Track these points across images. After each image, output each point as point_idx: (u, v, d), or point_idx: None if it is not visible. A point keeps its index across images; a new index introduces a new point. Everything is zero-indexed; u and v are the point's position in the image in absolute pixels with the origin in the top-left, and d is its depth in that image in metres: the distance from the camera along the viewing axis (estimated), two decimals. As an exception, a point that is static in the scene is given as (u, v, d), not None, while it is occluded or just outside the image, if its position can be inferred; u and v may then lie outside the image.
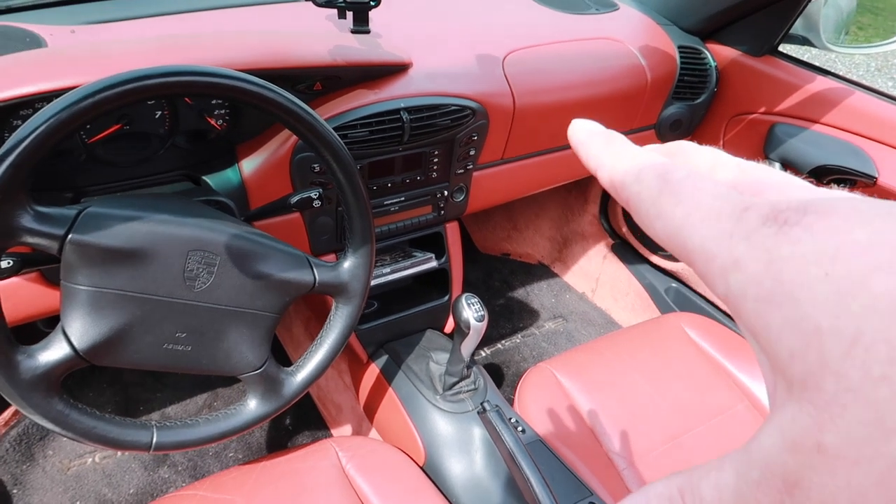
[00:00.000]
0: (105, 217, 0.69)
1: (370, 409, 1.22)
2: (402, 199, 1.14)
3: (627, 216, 1.73)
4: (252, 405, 0.84)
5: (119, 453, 1.32)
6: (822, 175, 1.26)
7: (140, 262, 0.71)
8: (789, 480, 0.16)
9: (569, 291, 1.88)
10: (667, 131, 1.45)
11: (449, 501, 0.98)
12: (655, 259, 1.70)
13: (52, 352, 0.69)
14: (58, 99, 0.61)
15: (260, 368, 0.82)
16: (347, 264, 0.85)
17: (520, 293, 1.86)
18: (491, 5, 1.36)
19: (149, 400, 1.42)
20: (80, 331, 0.70)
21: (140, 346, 0.74)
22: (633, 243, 1.74)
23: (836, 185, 1.25)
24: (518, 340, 1.70)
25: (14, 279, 0.87)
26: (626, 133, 1.37)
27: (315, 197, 0.88)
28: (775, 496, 0.16)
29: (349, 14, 0.98)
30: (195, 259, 0.74)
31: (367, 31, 0.98)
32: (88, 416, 0.73)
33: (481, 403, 0.98)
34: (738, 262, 0.18)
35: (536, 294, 1.86)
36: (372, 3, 0.93)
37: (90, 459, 1.29)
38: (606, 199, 1.79)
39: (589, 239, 1.85)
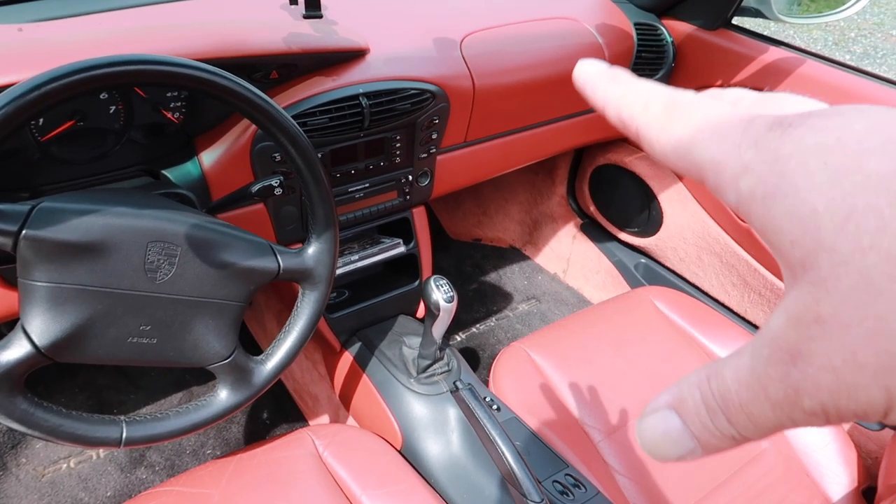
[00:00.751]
0: (60, 211, 0.68)
1: (346, 398, 1.23)
2: (367, 185, 1.14)
3: (595, 195, 1.74)
4: (223, 395, 0.84)
5: (94, 456, 1.31)
6: (780, 143, 1.29)
7: (99, 255, 0.70)
8: (793, 352, 0.18)
9: (541, 273, 1.89)
10: (627, 108, 1.47)
11: (427, 482, 0.99)
12: (623, 236, 1.72)
13: (13, 350, 0.68)
14: (2, 93, 0.60)
15: (228, 358, 0.82)
16: (312, 250, 0.85)
17: (492, 277, 1.87)
18: None
19: (122, 402, 1.40)
20: (40, 328, 0.69)
21: (103, 341, 0.73)
22: (601, 221, 1.76)
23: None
24: (493, 323, 1.71)
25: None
26: (584, 112, 1.39)
27: (276, 185, 0.88)
28: (782, 368, 0.18)
29: (301, 0, 0.97)
30: (155, 250, 0.73)
31: (320, 16, 0.98)
32: (54, 414, 0.72)
33: (454, 383, 0.98)
34: (747, 167, 0.19)
35: (509, 277, 1.87)
36: (322, -14, 0.93)
37: (65, 465, 1.28)
38: (573, 179, 1.81)
39: (558, 220, 1.86)
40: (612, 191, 1.69)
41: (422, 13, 1.24)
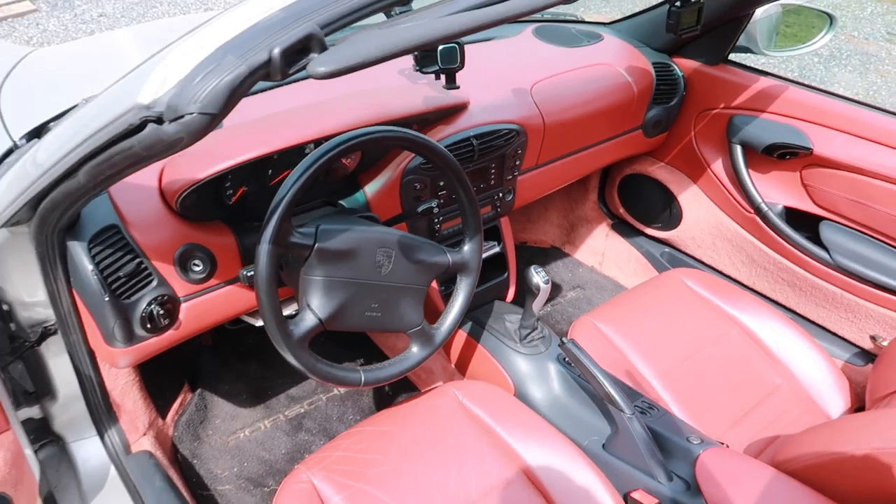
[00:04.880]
0: (330, 230, 1.06)
1: (462, 365, 1.60)
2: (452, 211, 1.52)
3: (623, 199, 2.14)
4: (415, 350, 1.22)
5: (262, 427, 1.67)
6: (773, 150, 1.69)
7: (351, 257, 1.08)
8: None
9: (580, 266, 2.28)
10: (651, 129, 1.87)
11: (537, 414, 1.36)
12: (649, 231, 2.12)
13: (306, 322, 1.06)
14: (327, 143, 0.99)
15: (419, 326, 1.20)
16: (467, 248, 1.24)
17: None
18: (510, 49, 1.76)
19: (273, 386, 1.77)
20: (319, 306, 1.07)
21: (352, 315, 1.11)
22: (629, 220, 2.16)
23: (784, 158, 1.68)
24: (549, 308, 2.09)
25: (228, 287, 1.23)
26: (620, 134, 1.78)
27: (434, 206, 1.27)
28: None
29: (443, 77, 1.36)
30: (381, 253, 1.11)
31: (457, 87, 1.37)
32: (324, 364, 1.10)
33: (561, 339, 1.36)
34: None
35: (555, 271, 2.26)
36: (458, 67, 1.32)
37: (242, 434, 1.65)
38: (603, 187, 2.20)
39: (592, 222, 2.25)
40: (638, 195, 2.09)
41: (498, 70, 1.63)
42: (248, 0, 0.73)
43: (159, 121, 0.67)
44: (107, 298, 1.07)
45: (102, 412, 1.38)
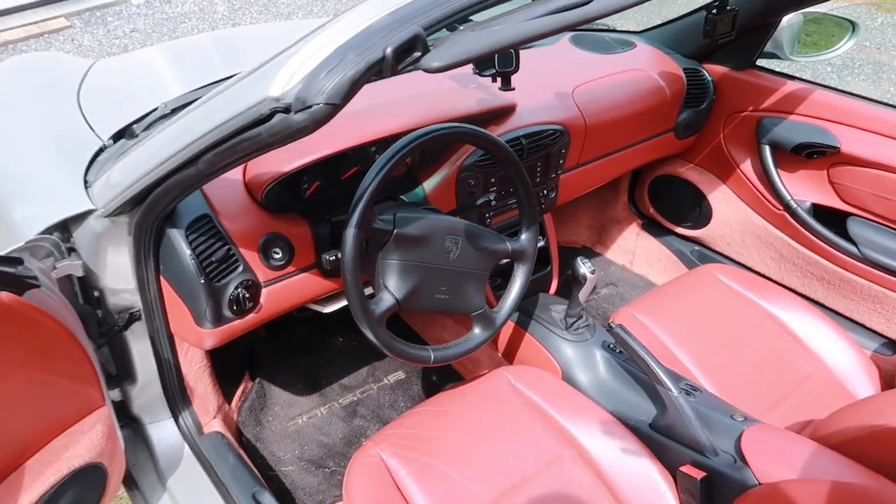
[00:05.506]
0: (406, 218, 1.16)
1: (510, 353, 1.69)
2: (508, 203, 1.62)
3: (653, 199, 2.23)
4: (477, 332, 1.31)
5: (319, 413, 1.76)
6: (801, 150, 1.78)
7: (424, 243, 1.18)
8: None
9: (612, 265, 2.37)
10: (682, 131, 1.97)
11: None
12: (679, 230, 2.21)
13: (384, 302, 1.16)
14: (405, 137, 1.09)
15: (481, 309, 1.29)
16: (524, 237, 1.33)
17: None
18: (550, 56, 1.86)
19: (326, 376, 1.86)
20: (395, 287, 1.16)
21: (424, 297, 1.20)
22: (659, 220, 2.25)
23: (812, 157, 1.77)
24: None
25: (303, 274, 1.33)
26: (653, 136, 1.87)
27: (492, 199, 1.36)
28: None
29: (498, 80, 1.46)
30: (450, 240, 1.21)
31: (513, 89, 1.46)
32: (398, 342, 1.19)
33: (609, 324, 1.44)
34: None
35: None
36: (513, 70, 1.42)
37: (300, 420, 1.74)
38: (633, 189, 2.30)
39: (622, 222, 2.35)
40: (668, 195, 2.18)
41: (540, 75, 1.73)
42: (358, 6, 0.83)
43: (287, 110, 0.77)
44: (202, 281, 1.17)
45: (177, 395, 1.47)
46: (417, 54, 0.77)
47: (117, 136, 1.39)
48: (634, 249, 2.33)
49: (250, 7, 5.08)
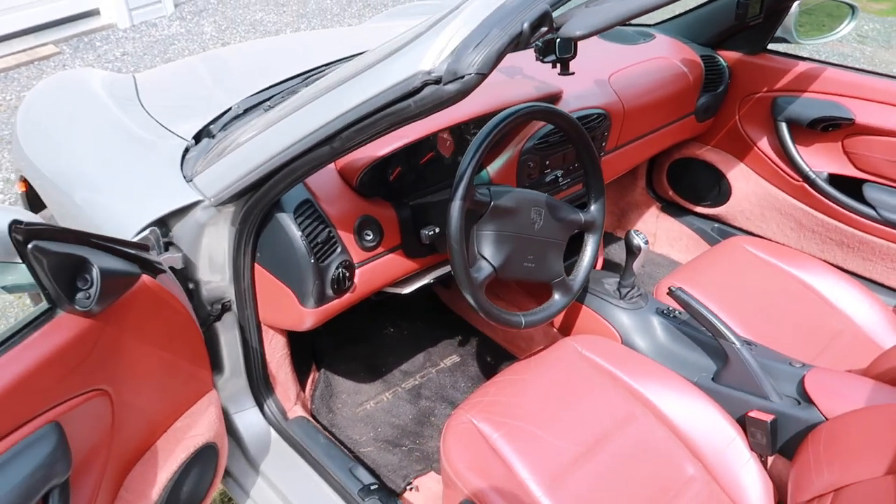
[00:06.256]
0: (500, 191, 1.25)
1: (567, 325, 1.78)
2: (569, 179, 1.73)
3: (672, 182, 2.36)
4: (558, 297, 1.41)
5: (385, 399, 1.83)
6: (817, 124, 1.92)
7: (515, 214, 1.27)
8: None
9: (634, 247, 2.49)
10: (702, 114, 2.10)
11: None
12: (699, 209, 2.34)
13: (484, 270, 1.25)
14: (495, 118, 1.19)
15: (561, 276, 1.39)
16: (594, 207, 1.44)
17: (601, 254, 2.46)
18: (581, 47, 1.97)
19: (385, 364, 1.94)
20: (491, 255, 1.26)
21: (514, 264, 1.30)
22: (679, 202, 2.38)
23: (827, 130, 1.91)
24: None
25: (391, 255, 1.41)
26: (678, 119, 2.00)
27: (560, 176, 1.46)
28: None
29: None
30: (535, 211, 1.31)
31: (572, 73, 1.57)
32: (495, 308, 1.28)
33: (670, 288, 1.55)
34: None
35: (613, 253, 2.46)
36: (572, 57, 1.52)
37: (368, 405, 1.81)
38: (651, 174, 2.43)
39: (642, 206, 2.47)
40: (687, 177, 2.31)
41: (574, 64, 1.84)
42: None
43: (438, 82, 0.86)
44: (312, 261, 1.24)
45: (262, 383, 1.53)
46: (545, 28, 0.87)
47: (197, 137, 1.46)
48: (655, 231, 2.45)
49: (237, 27, 5.14)
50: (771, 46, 2.06)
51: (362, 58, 1.01)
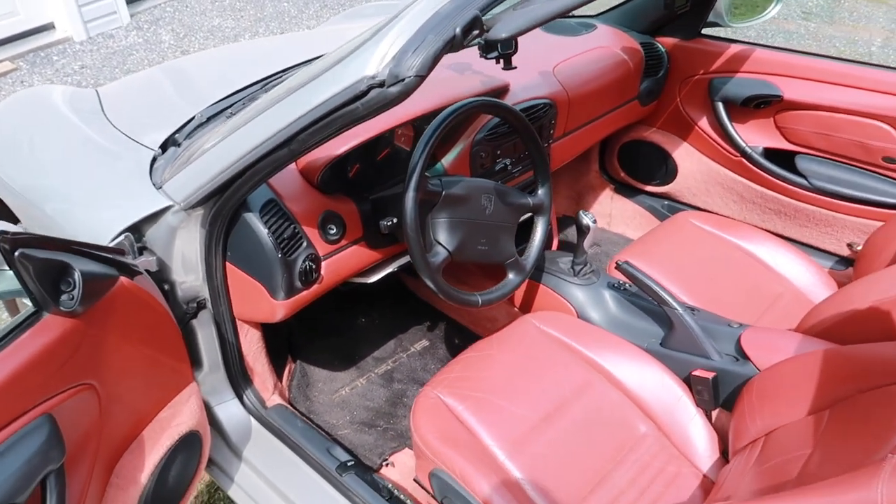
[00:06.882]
0: (451, 181, 1.35)
1: (527, 304, 1.89)
2: (521, 167, 1.83)
3: (623, 164, 2.49)
4: (512, 277, 1.52)
5: (359, 384, 1.93)
6: (749, 102, 2.05)
7: (466, 201, 1.37)
8: None
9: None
10: (645, 98, 2.22)
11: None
12: (649, 188, 2.46)
13: (440, 254, 1.35)
14: (442, 113, 1.28)
15: (513, 257, 1.50)
16: (541, 191, 1.55)
17: (560, 237, 2.57)
18: (526, 40, 2.06)
19: (358, 352, 2.03)
20: (446, 241, 1.36)
21: (469, 248, 1.40)
22: (630, 182, 2.50)
23: (759, 107, 2.04)
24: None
25: (354, 246, 1.50)
26: (622, 104, 2.12)
27: (508, 165, 1.57)
28: None
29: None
30: (485, 198, 1.41)
31: (515, 68, 1.67)
32: (452, 289, 1.38)
33: (617, 262, 1.66)
34: None
35: (572, 235, 2.58)
36: (513, 52, 1.62)
37: (343, 390, 1.90)
38: (603, 157, 2.55)
39: (597, 189, 2.59)
40: (636, 158, 2.44)
41: (519, 57, 1.93)
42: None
43: (382, 85, 0.96)
44: (279, 256, 1.33)
45: (240, 375, 1.62)
46: (477, 31, 0.97)
47: (164, 146, 1.53)
48: (611, 212, 2.58)
49: (195, 34, 5.16)
50: (707, 31, 2.19)
51: (314, 65, 1.10)
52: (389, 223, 1.38)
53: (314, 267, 1.40)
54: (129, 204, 1.38)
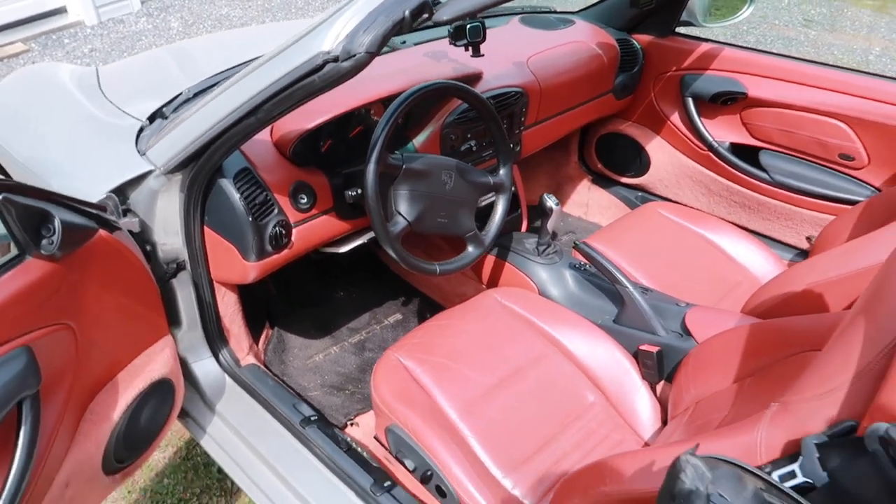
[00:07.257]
0: (412, 156, 1.46)
1: (493, 280, 1.99)
2: (490, 152, 1.93)
3: (600, 156, 2.58)
4: (471, 249, 1.62)
5: (333, 351, 2.04)
6: (717, 98, 2.14)
7: (426, 176, 1.47)
8: None
9: (569, 216, 2.71)
10: (620, 92, 2.32)
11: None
12: (624, 180, 2.56)
13: (399, 224, 1.45)
14: (405, 92, 1.38)
15: (472, 231, 1.60)
16: (502, 172, 1.65)
17: (537, 224, 2.67)
18: (504, 34, 2.18)
19: (334, 322, 2.14)
20: (406, 211, 1.46)
21: (429, 220, 1.50)
22: (607, 173, 2.60)
23: (727, 103, 2.13)
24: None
25: (324, 216, 1.60)
26: (596, 97, 2.22)
27: (473, 146, 1.67)
28: None
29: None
30: (446, 174, 1.51)
31: (483, 55, 1.77)
32: (411, 257, 1.48)
33: (575, 242, 1.76)
34: None
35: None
36: (482, 41, 1.73)
37: (317, 357, 2.00)
38: (582, 149, 2.64)
39: (575, 179, 2.69)
40: (612, 150, 2.53)
41: (496, 49, 2.02)
42: None
43: (336, 60, 1.06)
44: (250, 220, 1.44)
45: (216, 335, 1.72)
46: (426, 15, 1.07)
47: (151, 118, 1.64)
48: (587, 202, 2.67)
49: (203, 22, 5.28)
50: (682, 30, 2.28)
51: (280, 43, 1.20)
52: (354, 193, 1.48)
53: (284, 233, 1.50)
54: (115, 168, 1.49)
